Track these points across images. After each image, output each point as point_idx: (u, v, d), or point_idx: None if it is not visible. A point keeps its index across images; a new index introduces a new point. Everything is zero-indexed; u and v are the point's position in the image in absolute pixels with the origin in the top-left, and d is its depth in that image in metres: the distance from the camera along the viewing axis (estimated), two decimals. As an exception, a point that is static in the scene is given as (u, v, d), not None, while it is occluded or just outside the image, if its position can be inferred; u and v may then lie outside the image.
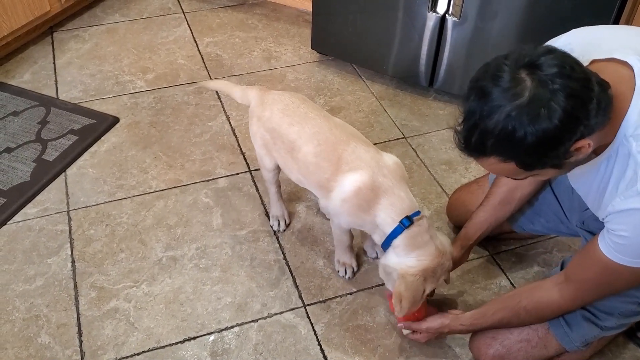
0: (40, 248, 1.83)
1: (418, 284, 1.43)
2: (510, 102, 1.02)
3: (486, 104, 1.05)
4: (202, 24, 2.87)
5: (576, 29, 1.31)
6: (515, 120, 1.02)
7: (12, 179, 2.03)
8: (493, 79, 1.05)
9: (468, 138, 1.10)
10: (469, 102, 1.08)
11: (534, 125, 1.01)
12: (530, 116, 1.01)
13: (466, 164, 2.16)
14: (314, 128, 1.58)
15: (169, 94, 2.45)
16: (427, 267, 1.43)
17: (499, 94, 1.03)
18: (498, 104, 1.03)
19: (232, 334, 1.63)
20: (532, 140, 1.02)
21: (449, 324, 1.49)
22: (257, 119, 1.69)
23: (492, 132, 1.05)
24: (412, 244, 1.45)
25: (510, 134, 1.03)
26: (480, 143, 1.08)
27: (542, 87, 1.01)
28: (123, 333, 1.62)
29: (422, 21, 2.27)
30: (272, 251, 1.85)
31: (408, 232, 1.44)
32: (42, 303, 1.69)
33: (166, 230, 1.90)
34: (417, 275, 1.43)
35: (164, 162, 2.14)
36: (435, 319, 1.52)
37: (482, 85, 1.06)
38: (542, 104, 1.00)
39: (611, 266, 1.19)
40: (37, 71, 2.53)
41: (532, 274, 1.81)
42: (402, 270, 1.44)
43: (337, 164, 1.52)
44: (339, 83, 2.54)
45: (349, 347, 1.62)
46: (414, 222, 1.45)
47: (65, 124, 2.25)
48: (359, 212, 1.51)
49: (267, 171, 1.79)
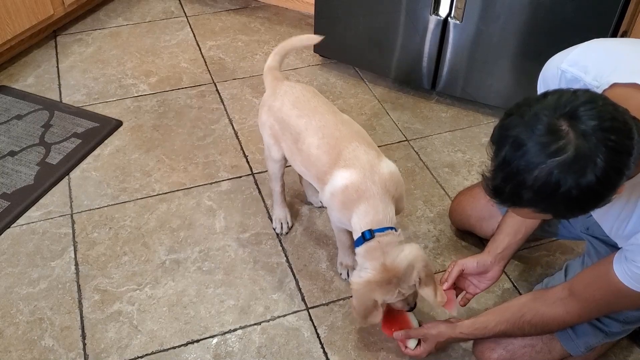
0: (44, 251, 1.84)
1: (362, 294, 1.46)
2: (553, 158, 0.95)
3: (523, 157, 0.98)
4: (204, 27, 2.88)
5: (590, 42, 1.26)
6: (559, 177, 0.95)
7: (16, 182, 2.03)
8: (530, 128, 0.97)
9: (501, 188, 1.04)
10: (503, 152, 1.01)
11: (579, 181, 0.95)
12: (576, 173, 0.95)
13: (469, 167, 2.16)
14: (320, 122, 1.60)
15: (172, 97, 2.45)
16: (371, 280, 1.44)
17: (539, 148, 0.96)
18: (539, 160, 0.96)
19: (235, 337, 1.63)
20: (576, 195, 0.96)
21: (447, 332, 1.48)
22: (268, 108, 1.71)
23: (532, 186, 0.98)
24: (367, 256, 1.47)
25: (553, 190, 0.97)
26: (515, 195, 1.02)
27: (585, 142, 0.94)
28: (126, 336, 1.63)
29: (424, 24, 2.28)
30: (275, 254, 1.86)
31: (366, 245, 1.47)
32: (45, 306, 1.69)
33: (169, 233, 1.90)
34: (359, 285, 1.46)
35: (167, 165, 2.14)
36: (434, 326, 1.51)
37: (517, 135, 0.99)
38: (587, 160, 0.94)
39: (624, 291, 1.19)
40: (40, 75, 2.54)
41: (535, 277, 1.81)
42: (352, 280, 1.48)
43: (335, 159, 1.53)
44: (342, 86, 2.55)
45: (352, 350, 1.62)
46: (374, 237, 1.46)
47: (68, 128, 2.26)
48: (343, 208, 1.52)
49: (273, 162, 1.79)
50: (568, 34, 2.06)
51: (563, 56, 1.28)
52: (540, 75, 1.38)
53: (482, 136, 2.30)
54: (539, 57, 2.15)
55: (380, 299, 1.46)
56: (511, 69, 2.25)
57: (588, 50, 1.25)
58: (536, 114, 0.98)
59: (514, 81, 2.28)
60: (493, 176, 1.05)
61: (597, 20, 1.99)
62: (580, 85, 1.20)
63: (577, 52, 1.25)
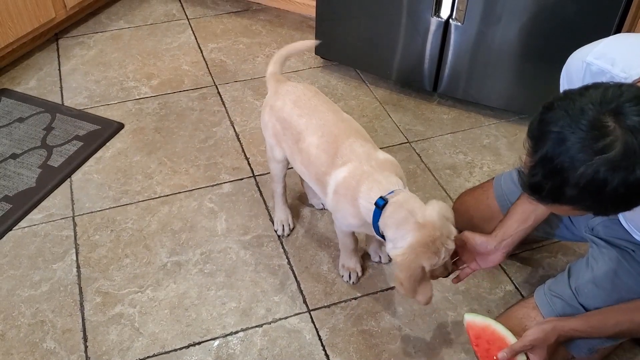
0: (46, 253, 1.84)
1: (409, 262, 1.35)
2: (600, 155, 0.93)
3: (567, 153, 0.95)
4: (206, 30, 2.88)
5: (616, 36, 1.25)
6: (606, 174, 0.93)
7: (18, 185, 2.04)
8: (574, 124, 0.95)
9: (541, 185, 1.01)
10: (545, 147, 0.98)
11: (627, 178, 0.93)
12: (625, 170, 0.93)
13: (470, 169, 2.16)
14: (320, 120, 1.60)
15: (174, 99, 2.45)
16: (413, 243, 1.35)
17: (585, 145, 0.93)
18: (584, 157, 0.94)
19: (237, 339, 1.63)
20: (623, 192, 0.95)
21: (557, 330, 1.35)
22: (270, 108, 1.71)
23: (577, 184, 0.96)
24: (393, 223, 1.39)
25: (599, 188, 0.95)
26: (557, 193, 0.99)
27: (632, 138, 0.92)
28: (128, 338, 1.63)
29: (426, 26, 2.28)
30: (277, 256, 1.86)
31: (385, 213, 1.40)
32: (47, 308, 1.69)
33: (171, 236, 1.90)
34: (404, 254, 1.36)
35: (168, 167, 2.15)
36: (537, 330, 1.36)
37: (561, 131, 0.96)
38: (636, 157, 0.93)
39: None
40: (42, 78, 2.54)
41: (537, 278, 1.80)
42: (392, 254, 1.40)
43: (333, 157, 1.53)
44: (343, 88, 2.55)
45: (354, 352, 1.61)
46: (387, 201, 1.40)
47: (70, 130, 2.26)
48: (346, 204, 1.50)
49: (275, 163, 1.79)
50: (569, 35, 2.06)
51: (588, 50, 1.25)
52: (564, 70, 1.37)
53: (483, 138, 2.30)
54: (540, 59, 2.17)
55: (428, 264, 1.36)
56: (513, 71, 2.25)
57: (614, 43, 1.23)
58: (581, 108, 0.95)
59: (515, 83, 2.28)
60: (532, 172, 1.01)
61: (599, 21, 1.99)
62: (607, 77, 1.18)
63: (602, 45, 1.24)
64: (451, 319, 1.69)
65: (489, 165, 2.18)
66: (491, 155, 2.23)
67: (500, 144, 2.28)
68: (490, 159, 2.21)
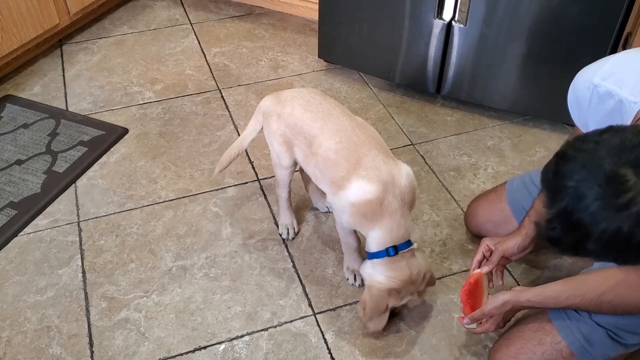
0: (51, 259, 1.84)
1: (381, 297, 1.54)
2: (622, 212, 0.90)
3: (587, 209, 0.91)
4: (209, 34, 2.89)
5: (624, 53, 1.20)
6: (631, 230, 0.90)
7: (23, 191, 2.04)
8: (592, 178, 0.91)
9: (560, 239, 0.98)
10: (563, 202, 0.94)
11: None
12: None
13: (474, 170, 2.16)
14: (336, 125, 1.60)
15: (178, 104, 2.46)
16: (393, 288, 1.53)
17: (606, 202, 0.90)
18: (606, 214, 0.90)
19: (243, 343, 1.63)
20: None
21: (512, 299, 1.40)
22: (277, 116, 1.69)
23: (599, 239, 0.92)
24: (390, 267, 1.53)
25: (624, 243, 0.92)
26: (578, 247, 0.96)
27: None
28: (134, 343, 1.63)
29: (429, 28, 2.28)
30: (282, 259, 1.86)
31: (389, 259, 1.53)
32: (53, 314, 1.69)
33: (176, 240, 1.91)
34: (381, 290, 1.53)
35: (173, 172, 2.15)
36: (496, 297, 1.42)
37: (577, 186, 0.92)
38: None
39: None
40: (46, 84, 2.55)
41: (542, 280, 1.80)
42: (371, 283, 1.55)
43: (355, 166, 1.53)
44: (346, 91, 2.55)
45: (360, 355, 1.61)
46: (398, 254, 1.53)
47: (74, 136, 2.27)
48: (362, 218, 1.54)
49: (283, 169, 1.77)
50: (572, 36, 2.06)
51: (595, 69, 1.21)
52: (571, 90, 1.33)
53: (487, 139, 2.29)
54: (543, 59, 2.17)
55: (393, 303, 1.55)
56: (516, 72, 2.24)
57: (622, 61, 1.18)
58: (598, 162, 0.91)
59: (519, 84, 2.28)
60: (550, 226, 0.98)
61: (601, 23, 1.99)
62: (615, 100, 1.14)
63: (610, 63, 1.19)
64: (457, 322, 1.68)
65: (493, 166, 2.18)
66: (495, 156, 2.22)
67: (504, 146, 2.27)
68: (495, 161, 2.20)
